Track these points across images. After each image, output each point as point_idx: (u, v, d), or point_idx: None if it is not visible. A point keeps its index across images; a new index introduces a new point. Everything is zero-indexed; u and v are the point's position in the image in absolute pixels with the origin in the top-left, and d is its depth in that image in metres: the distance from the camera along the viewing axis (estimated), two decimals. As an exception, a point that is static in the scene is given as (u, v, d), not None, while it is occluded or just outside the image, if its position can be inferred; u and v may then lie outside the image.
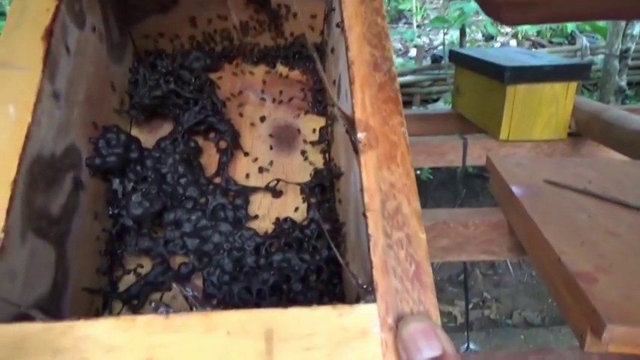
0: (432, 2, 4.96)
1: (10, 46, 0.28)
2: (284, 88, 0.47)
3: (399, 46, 3.68)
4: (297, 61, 0.47)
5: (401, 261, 0.23)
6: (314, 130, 0.43)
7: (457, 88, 1.24)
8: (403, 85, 2.53)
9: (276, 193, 0.41)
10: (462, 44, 2.27)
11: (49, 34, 0.29)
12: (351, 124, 0.29)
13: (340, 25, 0.33)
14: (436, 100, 2.58)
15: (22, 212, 0.24)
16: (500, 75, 0.97)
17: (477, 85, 1.10)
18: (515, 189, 0.63)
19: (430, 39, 3.76)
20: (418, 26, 4.04)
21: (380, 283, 0.22)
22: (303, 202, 0.41)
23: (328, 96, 0.44)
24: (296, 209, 0.40)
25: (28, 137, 0.25)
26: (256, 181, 0.41)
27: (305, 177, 0.42)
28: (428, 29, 3.91)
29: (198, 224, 0.35)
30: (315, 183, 0.41)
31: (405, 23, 4.82)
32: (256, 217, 0.39)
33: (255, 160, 0.42)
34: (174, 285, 0.31)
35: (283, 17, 0.46)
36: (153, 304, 0.30)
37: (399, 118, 0.28)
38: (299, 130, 0.44)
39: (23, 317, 0.22)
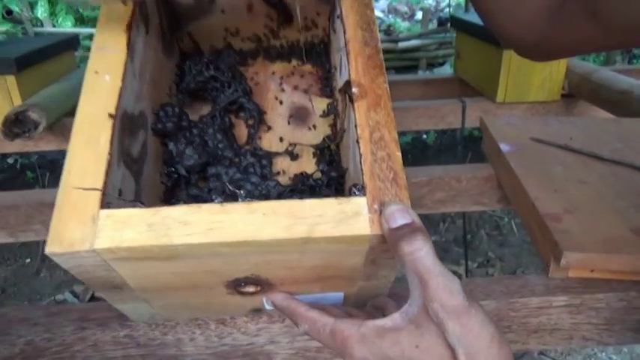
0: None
1: (104, 36, 0.38)
2: (298, 78, 0.56)
3: (405, 9, 3.66)
4: (308, 57, 0.56)
5: (383, 170, 0.32)
6: (323, 111, 0.51)
7: (458, 53, 1.30)
8: (409, 50, 2.56)
9: (294, 156, 0.49)
10: (467, 7, 2.28)
11: (129, 27, 0.39)
12: (347, 83, 0.38)
13: (339, 16, 0.42)
14: (442, 64, 2.60)
15: (117, 146, 0.34)
16: (497, 40, 1.02)
17: (476, 50, 1.16)
18: (502, 145, 0.70)
19: (437, 1, 3.73)
20: (425, -12, 4.00)
21: (368, 184, 0.32)
22: (315, 163, 0.49)
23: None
24: (309, 169, 0.48)
25: (119, 97, 0.36)
26: (277, 148, 0.49)
27: (316, 144, 0.51)
28: (435, -9, 3.87)
29: (234, 177, 0.43)
30: (324, 145, 0.49)
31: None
32: (278, 173, 0.47)
33: (276, 132, 0.51)
34: (228, 186, 0.41)
35: (297, 21, 0.55)
36: (213, 197, 0.39)
37: (382, 78, 0.37)
38: (311, 110, 0.52)
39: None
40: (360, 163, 0.33)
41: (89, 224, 0.29)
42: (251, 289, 0.38)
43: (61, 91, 1.05)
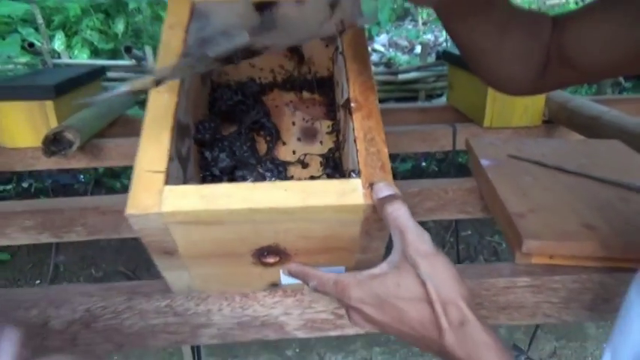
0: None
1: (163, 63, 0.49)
2: (308, 105, 0.68)
3: (405, 43, 3.84)
4: (317, 89, 0.69)
5: (374, 160, 0.43)
6: (327, 127, 0.63)
7: (450, 84, 1.42)
8: (408, 82, 2.70)
9: (304, 164, 0.61)
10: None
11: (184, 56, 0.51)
12: (347, 100, 0.49)
13: (341, 52, 0.54)
14: (440, 95, 2.74)
15: (173, 145, 0.45)
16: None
17: (466, 81, 1.28)
18: (483, 161, 0.81)
19: (435, 36, 3.91)
20: (424, 24, 4.19)
21: (362, 170, 0.43)
22: (322, 170, 0.60)
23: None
24: (317, 175, 0.60)
25: (175, 110, 0.47)
26: (290, 159, 0.61)
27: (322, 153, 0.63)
28: (433, 27, 4.05)
29: (257, 179, 0.54)
30: (329, 154, 0.61)
31: (411, 20, 4.98)
32: (292, 177, 0.58)
33: (290, 147, 0.62)
34: (259, 170, 0.51)
35: (307, 61, 0.67)
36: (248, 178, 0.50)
37: (373, 96, 0.50)
38: (318, 129, 0.64)
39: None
40: (357, 156, 0.44)
41: (157, 195, 0.40)
42: (271, 259, 0.48)
43: (91, 116, 1.17)
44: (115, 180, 2.43)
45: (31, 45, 2.82)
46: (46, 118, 1.11)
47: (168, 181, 0.41)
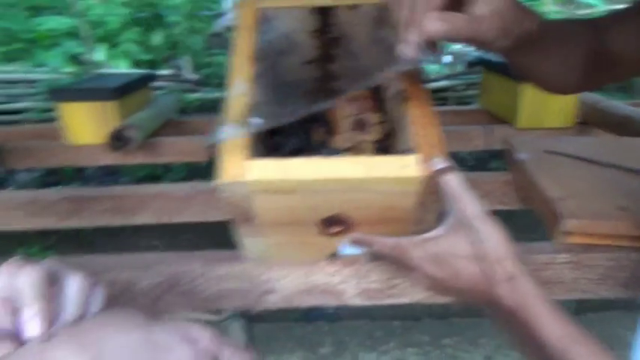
0: None
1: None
2: (358, 99, 0.74)
3: (434, 54, 3.87)
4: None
5: (428, 140, 0.49)
6: (376, 119, 0.70)
7: (484, 88, 1.47)
8: (439, 90, 2.75)
9: (359, 150, 0.67)
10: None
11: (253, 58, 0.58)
12: (402, 90, 0.56)
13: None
14: (469, 104, 2.78)
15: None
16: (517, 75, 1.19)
17: (499, 84, 1.33)
18: (521, 155, 0.86)
19: (465, 45, 3.93)
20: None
21: (418, 148, 0.49)
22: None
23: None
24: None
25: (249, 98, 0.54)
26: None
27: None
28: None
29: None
30: (380, 142, 0.68)
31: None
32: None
33: (342, 137, 0.69)
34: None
35: None
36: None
37: (422, 87, 0.56)
38: (367, 121, 0.70)
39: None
40: (412, 137, 0.50)
41: (242, 167, 0.47)
42: (335, 229, 0.54)
43: (148, 116, 1.27)
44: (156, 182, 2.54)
45: (77, 56, 2.98)
46: (107, 117, 1.21)
47: (251, 155, 0.49)
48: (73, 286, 0.36)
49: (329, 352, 2.18)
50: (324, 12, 0.69)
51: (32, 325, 0.33)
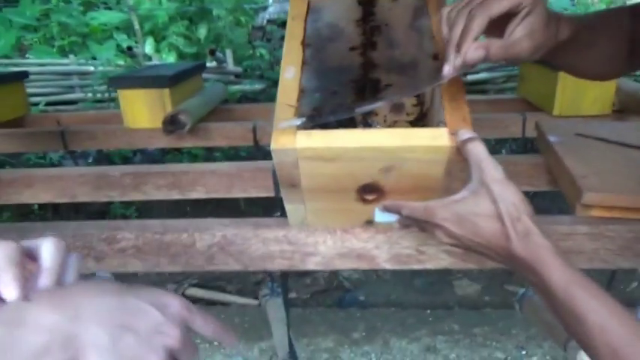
0: None
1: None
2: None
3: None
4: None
5: (457, 115, 0.55)
6: (413, 102, 0.75)
7: (522, 76, 1.50)
8: (478, 82, 2.75)
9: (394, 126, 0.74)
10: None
11: (304, 44, 0.65)
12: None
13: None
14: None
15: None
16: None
17: (537, 72, 1.35)
18: (551, 137, 0.89)
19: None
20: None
21: (448, 122, 0.55)
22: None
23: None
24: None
25: (300, 76, 0.61)
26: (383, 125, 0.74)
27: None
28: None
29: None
30: (416, 120, 0.74)
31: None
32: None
33: (381, 117, 0.75)
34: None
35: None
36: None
37: (456, 80, 0.59)
38: (404, 103, 0.76)
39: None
40: (444, 112, 0.56)
41: (292, 136, 0.54)
42: (371, 196, 0.61)
43: (199, 103, 1.37)
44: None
45: (130, 48, 3.14)
46: (162, 103, 1.31)
47: (297, 113, 0.56)
48: (48, 251, 0.38)
49: (361, 337, 2.25)
50: (367, 2, 0.75)
51: (9, 290, 0.34)
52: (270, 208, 0.99)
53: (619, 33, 0.62)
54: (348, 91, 0.70)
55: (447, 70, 0.53)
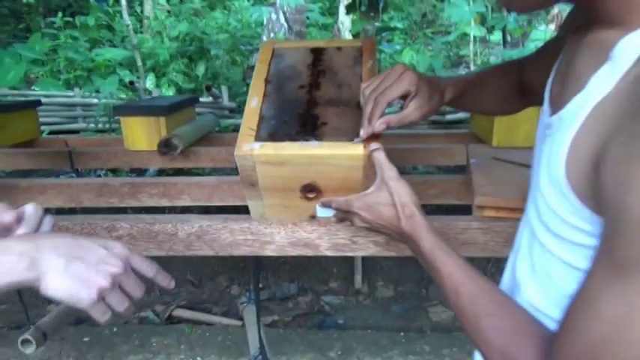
0: (492, 48, 5.39)
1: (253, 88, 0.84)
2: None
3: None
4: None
5: (369, 139, 0.75)
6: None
7: (472, 115, 1.72)
8: (455, 122, 2.92)
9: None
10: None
11: (267, 80, 0.86)
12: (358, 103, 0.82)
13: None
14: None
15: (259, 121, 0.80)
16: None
17: (480, 111, 1.58)
18: (472, 160, 1.11)
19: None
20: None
21: (363, 137, 0.75)
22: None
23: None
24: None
25: (261, 105, 0.81)
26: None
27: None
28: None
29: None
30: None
31: (464, 67, 5.27)
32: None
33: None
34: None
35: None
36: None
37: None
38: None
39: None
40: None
41: (251, 145, 0.75)
42: (311, 194, 0.81)
43: (191, 130, 1.58)
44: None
45: (132, 83, 3.39)
46: (158, 129, 1.52)
47: (257, 138, 0.76)
48: (29, 210, 0.54)
49: (336, 356, 2.38)
50: (317, 50, 0.97)
51: None
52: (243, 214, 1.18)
53: (510, 80, 0.83)
54: (294, 122, 0.87)
55: (362, 134, 0.74)
